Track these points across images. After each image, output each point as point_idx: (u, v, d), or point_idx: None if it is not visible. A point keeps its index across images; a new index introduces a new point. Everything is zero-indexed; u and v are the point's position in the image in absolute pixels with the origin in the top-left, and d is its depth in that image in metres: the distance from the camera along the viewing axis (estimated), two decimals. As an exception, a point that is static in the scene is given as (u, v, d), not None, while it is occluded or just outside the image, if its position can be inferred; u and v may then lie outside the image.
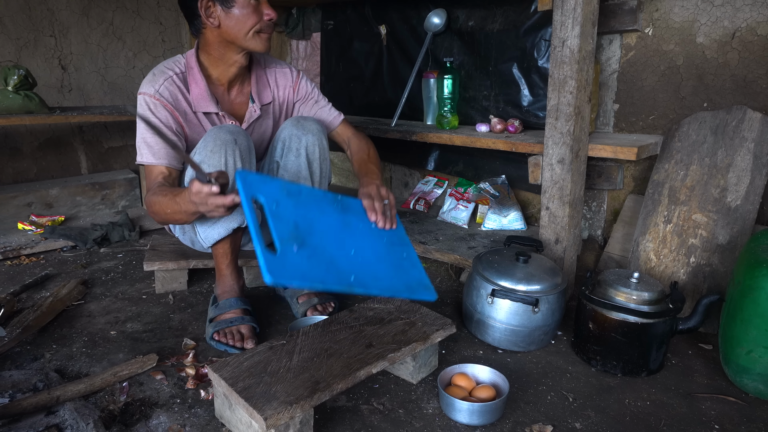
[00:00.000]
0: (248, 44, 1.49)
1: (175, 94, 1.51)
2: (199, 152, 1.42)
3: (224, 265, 1.59)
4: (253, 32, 1.47)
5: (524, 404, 1.25)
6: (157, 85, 1.49)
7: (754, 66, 1.63)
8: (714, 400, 1.28)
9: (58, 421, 1.14)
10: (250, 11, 1.45)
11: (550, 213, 1.72)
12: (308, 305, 1.64)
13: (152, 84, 1.49)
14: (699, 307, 1.37)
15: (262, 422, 1.00)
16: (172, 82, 1.51)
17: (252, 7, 1.45)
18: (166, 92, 1.49)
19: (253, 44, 1.49)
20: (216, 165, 1.39)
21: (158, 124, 1.48)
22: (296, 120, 1.60)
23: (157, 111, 1.48)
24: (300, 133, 1.57)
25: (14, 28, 2.51)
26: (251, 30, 1.46)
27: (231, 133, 1.42)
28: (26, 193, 2.39)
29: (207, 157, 1.40)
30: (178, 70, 1.53)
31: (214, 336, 1.47)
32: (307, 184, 1.58)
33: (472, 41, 2.15)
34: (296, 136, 1.57)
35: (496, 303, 1.46)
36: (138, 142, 1.49)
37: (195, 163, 1.15)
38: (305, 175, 1.58)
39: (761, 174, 1.58)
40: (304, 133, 1.57)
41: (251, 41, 1.48)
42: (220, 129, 1.42)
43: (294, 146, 1.57)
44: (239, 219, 1.49)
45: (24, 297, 1.77)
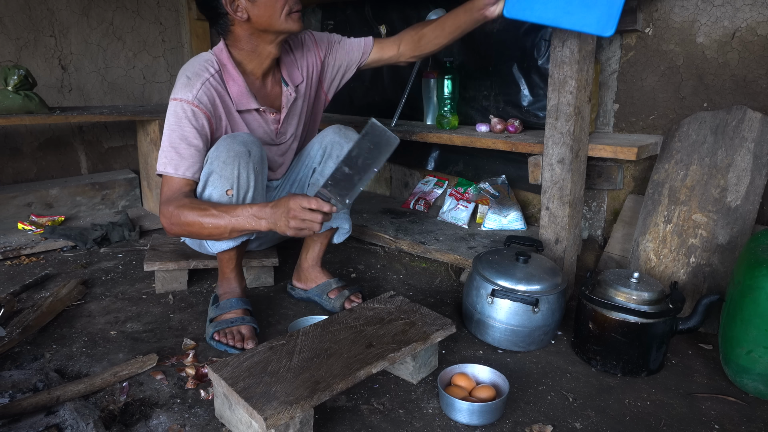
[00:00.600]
0: (283, 27, 1.44)
1: (213, 97, 1.44)
2: (211, 161, 1.40)
3: (229, 269, 1.59)
4: (285, 14, 1.42)
5: (524, 404, 1.25)
6: (195, 90, 1.41)
7: (754, 66, 1.63)
8: (714, 400, 1.28)
9: (58, 421, 1.14)
10: None
11: (550, 213, 1.72)
12: (342, 298, 1.66)
13: (189, 89, 1.41)
14: (699, 307, 1.37)
15: (262, 422, 1.00)
16: (210, 85, 1.44)
17: None
18: (205, 98, 1.42)
19: (287, 26, 1.44)
20: (228, 177, 1.38)
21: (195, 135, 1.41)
22: (338, 128, 1.62)
23: (196, 120, 1.41)
24: (343, 140, 1.59)
25: (14, 28, 2.51)
26: (282, 13, 1.41)
27: (244, 144, 1.40)
28: (26, 193, 2.39)
29: (219, 168, 1.38)
30: (212, 70, 1.46)
31: (214, 336, 1.47)
32: None
33: (472, 41, 2.15)
34: (338, 144, 1.59)
35: (496, 303, 1.46)
36: (166, 149, 1.41)
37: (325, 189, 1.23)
38: None
39: (761, 174, 1.57)
40: (347, 141, 1.58)
41: (285, 23, 1.43)
42: (234, 139, 1.40)
43: (335, 153, 1.59)
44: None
45: (24, 297, 1.77)
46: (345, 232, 1.68)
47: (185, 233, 1.38)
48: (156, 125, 2.40)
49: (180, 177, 1.41)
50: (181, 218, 1.35)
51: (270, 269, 1.88)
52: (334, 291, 1.70)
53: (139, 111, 2.49)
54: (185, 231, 1.37)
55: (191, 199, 1.39)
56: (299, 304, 1.76)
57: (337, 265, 2.09)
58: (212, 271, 1.97)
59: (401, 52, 1.70)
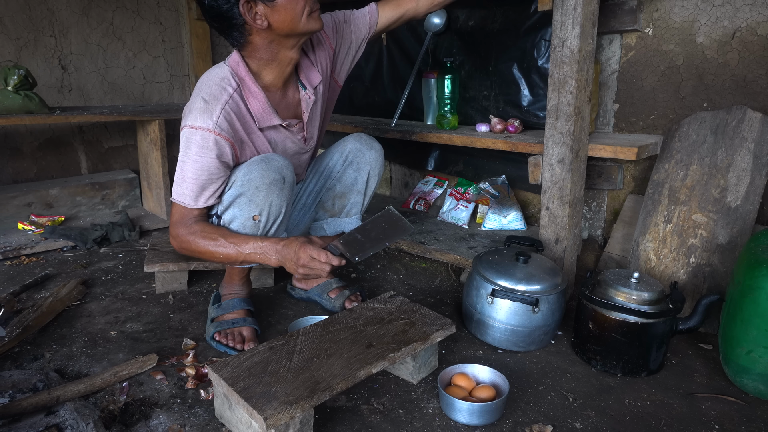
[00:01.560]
0: (306, 28, 1.34)
1: (233, 120, 1.35)
2: (241, 184, 1.35)
3: (236, 273, 1.59)
4: (306, 15, 1.33)
5: (524, 404, 1.25)
6: (215, 117, 1.31)
7: (754, 66, 1.63)
8: (714, 400, 1.28)
9: (58, 421, 1.14)
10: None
11: (550, 213, 1.72)
12: (342, 298, 1.66)
13: (209, 115, 1.31)
14: (699, 307, 1.37)
15: (262, 422, 1.00)
16: (230, 109, 1.34)
17: None
18: (225, 123, 1.33)
19: (310, 26, 1.34)
20: (259, 203, 1.35)
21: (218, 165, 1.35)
22: (359, 136, 1.63)
23: (218, 149, 1.33)
24: (364, 148, 1.60)
25: (14, 28, 2.51)
26: (304, 14, 1.32)
27: (279, 171, 1.36)
28: (26, 193, 2.39)
29: (251, 193, 1.35)
30: (231, 89, 1.35)
31: (215, 336, 1.47)
32: (359, 196, 1.63)
33: (472, 41, 2.15)
34: (360, 151, 1.60)
35: (496, 303, 1.46)
36: (188, 180, 1.35)
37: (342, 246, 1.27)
38: (360, 188, 1.62)
39: (761, 174, 1.57)
40: (369, 149, 1.60)
41: (307, 24, 1.34)
42: (269, 165, 1.35)
43: (356, 161, 1.60)
44: None
45: (24, 297, 1.77)
46: None
47: (196, 257, 1.38)
48: (156, 125, 2.40)
49: (191, 207, 1.37)
50: (191, 246, 1.36)
51: (270, 270, 1.88)
52: (334, 291, 1.70)
53: (139, 111, 2.49)
54: (196, 256, 1.38)
55: (203, 226, 1.36)
56: (299, 304, 1.76)
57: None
58: (212, 271, 1.97)
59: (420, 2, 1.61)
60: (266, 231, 1.42)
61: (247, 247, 1.33)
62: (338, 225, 1.63)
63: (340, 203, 1.61)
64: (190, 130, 1.32)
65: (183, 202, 1.37)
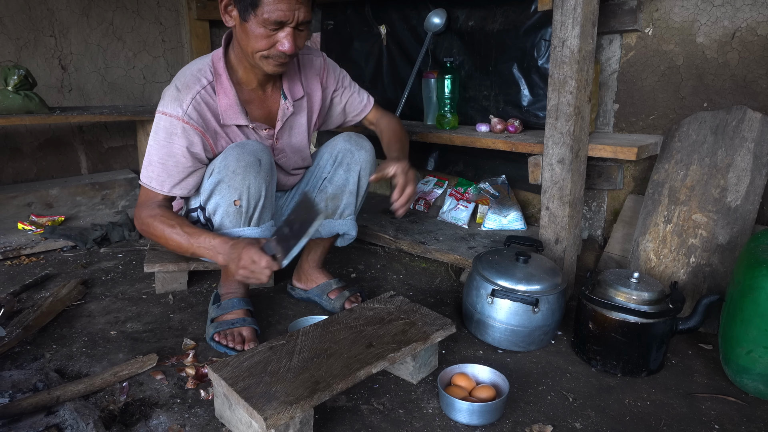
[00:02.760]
0: (255, 62, 1.35)
1: (204, 111, 1.37)
2: (219, 170, 1.36)
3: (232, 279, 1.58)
4: (260, 56, 1.33)
5: (524, 404, 1.25)
6: (185, 105, 1.34)
7: (754, 66, 1.63)
8: (714, 400, 1.28)
9: (58, 421, 1.14)
10: (261, 35, 1.28)
11: (550, 213, 1.72)
12: (342, 299, 1.66)
13: (179, 103, 1.34)
14: (699, 307, 1.37)
15: (262, 422, 1.00)
16: (200, 99, 1.36)
17: (265, 33, 1.28)
18: (195, 113, 1.35)
19: (260, 64, 1.35)
20: (237, 187, 1.35)
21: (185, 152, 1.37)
22: (348, 135, 1.59)
23: (186, 137, 1.35)
24: (354, 148, 1.56)
25: (14, 28, 2.51)
26: (257, 53, 1.32)
27: (254, 153, 1.36)
28: (26, 193, 2.39)
29: (229, 178, 1.35)
30: (205, 81, 1.37)
31: (214, 337, 1.47)
32: (352, 197, 1.60)
33: (472, 41, 2.15)
34: (349, 152, 1.56)
35: (496, 303, 1.46)
36: (154, 164, 1.37)
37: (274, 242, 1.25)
38: (352, 189, 1.58)
39: (761, 174, 1.57)
40: (358, 149, 1.56)
41: (258, 62, 1.34)
42: (243, 148, 1.35)
43: (346, 161, 1.56)
44: None
45: (24, 297, 1.77)
46: (350, 238, 1.68)
47: (155, 241, 1.39)
48: (156, 125, 2.40)
49: (157, 191, 1.40)
50: (149, 228, 1.37)
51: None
52: (334, 291, 1.70)
53: (139, 111, 2.49)
54: (154, 240, 1.40)
55: (164, 211, 1.39)
56: (299, 304, 1.76)
57: (337, 265, 2.09)
58: (212, 271, 1.97)
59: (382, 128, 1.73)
60: (249, 217, 1.41)
61: (198, 240, 1.32)
62: (333, 227, 1.62)
63: (333, 205, 1.60)
64: (160, 116, 1.36)
65: (149, 185, 1.40)
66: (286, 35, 1.28)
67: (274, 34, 1.28)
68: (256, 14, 1.25)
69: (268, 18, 1.25)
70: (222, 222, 1.41)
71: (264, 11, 1.24)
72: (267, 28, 1.27)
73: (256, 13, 1.25)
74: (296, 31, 1.30)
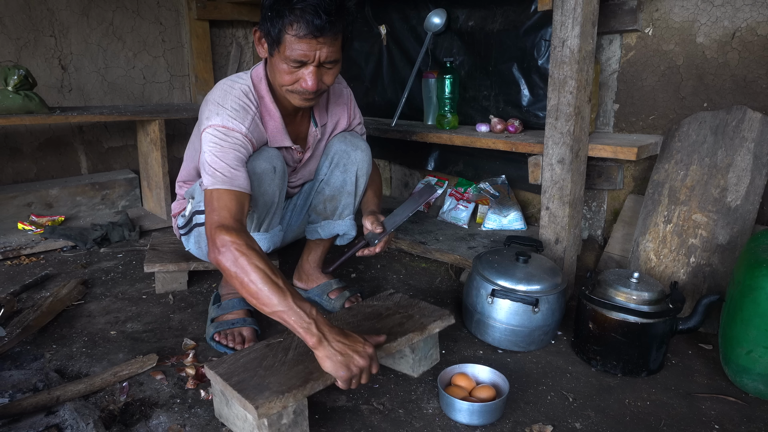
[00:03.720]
0: (283, 93, 1.35)
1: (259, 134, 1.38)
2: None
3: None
4: (286, 88, 1.32)
5: (524, 404, 1.25)
6: (247, 123, 1.33)
7: (754, 66, 1.63)
8: (714, 400, 1.28)
9: (58, 421, 1.14)
10: (284, 71, 1.28)
11: (550, 213, 1.72)
12: (342, 299, 1.67)
13: (240, 122, 1.31)
14: (699, 307, 1.37)
15: (253, 411, 1.00)
16: (255, 125, 1.36)
17: (288, 69, 1.27)
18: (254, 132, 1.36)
19: (288, 97, 1.35)
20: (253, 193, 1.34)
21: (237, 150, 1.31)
22: (343, 136, 1.58)
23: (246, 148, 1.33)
24: (350, 149, 1.56)
25: (14, 28, 2.51)
26: (283, 86, 1.32)
27: (269, 161, 1.37)
28: (26, 193, 2.39)
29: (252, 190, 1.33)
30: (254, 107, 1.36)
31: (214, 337, 1.47)
32: (350, 197, 1.59)
33: (472, 41, 2.15)
34: (345, 153, 1.56)
35: (496, 303, 1.46)
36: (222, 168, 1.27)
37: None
38: (350, 190, 1.58)
39: (761, 174, 1.57)
40: (354, 149, 1.56)
41: (285, 94, 1.35)
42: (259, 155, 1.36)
43: (342, 162, 1.56)
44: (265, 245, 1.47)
45: (24, 297, 1.77)
46: (349, 237, 1.68)
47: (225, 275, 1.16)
48: (156, 125, 2.40)
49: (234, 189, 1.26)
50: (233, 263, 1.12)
51: (270, 269, 1.88)
52: (334, 292, 1.70)
53: (139, 111, 2.49)
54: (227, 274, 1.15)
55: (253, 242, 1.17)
56: (299, 304, 1.76)
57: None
58: (212, 271, 1.97)
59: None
60: (261, 223, 1.44)
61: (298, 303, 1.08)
62: (332, 228, 1.63)
63: (331, 206, 1.61)
64: (219, 129, 1.30)
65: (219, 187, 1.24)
66: (308, 73, 1.27)
67: (296, 71, 1.28)
68: (280, 51, 1.26)
69: (289, 56, 1.25)
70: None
71: (286, 49, 1.24)
72: (289, 65, 1.27)
73: (280, 50, 1.26)
74: (322, 69, 1.29)
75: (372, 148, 1.64)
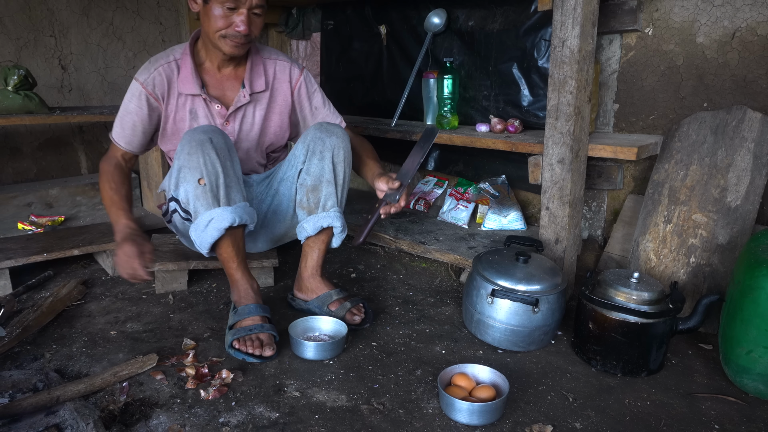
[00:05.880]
0: (215, 43, 1.53)
1: (163, 82, 1.60)
2: (177, 156, 1.46)
3: (233, 270, 1.53)
4: (219, 36, 1.50)
5: (524, 404, 1.25)
6: (148, 73, 1.59)
7: (754, 66, 1.63)
8: (714, 400, 1.28)
9: (58, 421, 1.14)
10: (220, 15, 1.47)
11: (550, 213, 1.72)
12: (343, 310, 1.60)
13: (146, 71, 1.59)
14: (699, 307, 1.37)
15: None
16: (162, 71, 1.59)
17: (223, 13, 1.46)
18: (155, 80, 1.59)
19: (219, 44, 1.53)
20: (196, 166, 1.42)
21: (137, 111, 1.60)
22: (320, 124, 1.62)
23: (140, 99, 1.59)
24: (324, 135, 1.57)
25: (14, 28, 2.51)
26: (217, 32, 1.50)
27: (205, 132, 1.45)
28: (26, 193, 2.39)
29: (186, 160, 1.43)
30: (172, 57, 1.61)
31: (233, 344, 1.42)
32: (331, 186, 1.58)
33: (472, 41, 2.15)
34: (320, 139, 1.57)
35: (496, 303, 1.46)
36: (117, 116, 1.64)
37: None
38: (329, 178, 1.58)
39: (761, 174, 1.57)
40: (329, 135, 1.57)
41: (218, 42, 1.52)
42: (195, 131, 1.46)
43: (318, 149, 1.57)
44: (229, 217, 1.44)
45: (24, 297, 1.77)
46: (339, 231, 1.63)
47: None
48: (156, 125, 2.40)
49: (114, 142, 1.64)
50: (100, 181, 1.62)
51: (270, 270, 1.88)
52: (334, 303, 1.63)
53: (139, 111, 2.49)
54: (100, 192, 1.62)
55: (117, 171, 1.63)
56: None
57: (337, 265, 2.09)
58: (212, 271, 1.97)
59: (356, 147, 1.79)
60: (216, 195, 1.45)
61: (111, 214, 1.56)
62: (317, 221, 1.59)
63: (314, 197, 1.59)
64: (132, 81, 1.62)
65: (111, 137, 1.66)
66: (242, 17, 1.47)
67: (231, 14, 1.47)
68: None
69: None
70: (195, 207, 1.46)
71: None
72: (225, 8, 1.45)
73: None
74: (252, 15, 1.49)
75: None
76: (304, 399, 1.26)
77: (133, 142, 1.65)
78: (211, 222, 1.44)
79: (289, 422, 1.18)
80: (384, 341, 1.53)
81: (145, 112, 1.61)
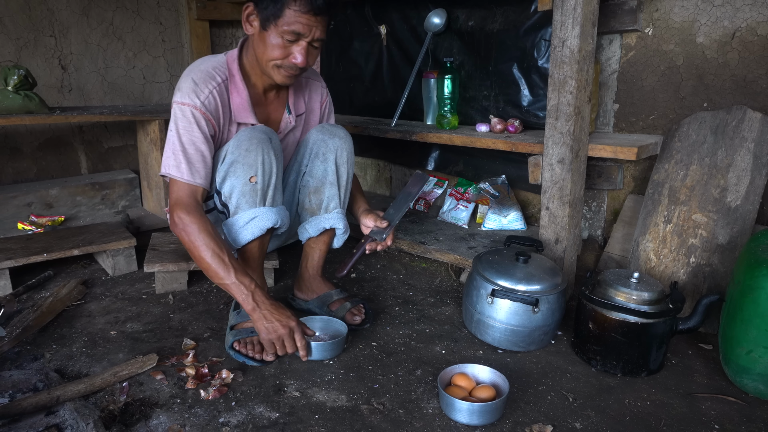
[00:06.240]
0: (266, 70, 1.44)
1: (218, 106, 1.44)
2: (231, 151, 1.41)
3: (251, 269, 1.51)
4: (273, 65, 1.42)
5: (524, 404, 1.25)
6: (202, 96, 1.41)
7: (754, 66, 1.63)
8: (714, 400, 1.28)
9: (58, 421, 1.14)
10: (278, 44, 1.38)
11: (550, 213, 1.72)
12: (343, 311, 1.60)
13: (196, 94, 1.40)
14: (699, 307, 1.37)
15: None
16: (216, 94, 1.43)
17: (282, 43, 1.37)
18: (210, 104, 1.42)
19: (272, 73, 1.44)
20: (252, 164, 1.39)
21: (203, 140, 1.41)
22: (321, 126, 1.62)
23: (201, 125, 1.41)
24: (327, 137, 1.57)
25: (14, 28, 2.51)
26: (271, 61, 1.41)
27: (265, 132, 1.43)
28: (26, 193, 2.39)
29: (242, 156, 1.39)
30: (220, 78, 1.45)
31: (234, 345, 1.42)
32: (333, 188, 1.58)
33: (472, 41, 2.15)
34: (323, 141, 1.57)
35: (496, 303, 1.46)
36: (176, 152, 1.40)
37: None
38: (332, 180, 1.57)
39: (761, 174, 1.57)
40: (331, 137, 1.57)
41: (270, 70, 1.43)
42: (254, 129, 1.43)
43: (321, 151, 1.57)
44: (273, 218, 1.45)
45: (24, 297, 1.77)
46: (341, 232, 1.64)
47: (184, 245, 1.40)
48: (156, 125, 2.40)
49: (186, 181, 1.39)
50: (189, 236, 1.36)
51: (270, 271, 1.88)
52: (335, 303, 1.63)
53: (139, 111, 2.49)
54: (186, 245, 1.39)
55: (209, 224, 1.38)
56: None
57: (337, 264, 2.08)
58: (212, 271, 1.97)
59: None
60: (264, 194, 1.44)
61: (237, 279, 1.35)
62: (319, 222, 1.59)
63: (317, 199, 1.59)
64: (178, 106, 1.41)
65: (170, 173, 1.40)
66: (300, 48, 1.38)
67: (290, 45, 1.38)
68: (277, 24, 1.35)
69: (287, 29, 1.35)
70: (238, 203, 1.43)
71: (284, 22, 1.34)
72: (284, 39, 1.37)
73: (277, 24, 1.35)
74: (310, 47, 1.41)
75: (372, 148, 1.64)
76: (304, 399, 1.26)
77: (207, 175, 1.43)
78: (254, 220, 1.44)
79: (289, 422, 1.18)
80: (384, 341, 1.53)
81: (209, 137, 1.44)
